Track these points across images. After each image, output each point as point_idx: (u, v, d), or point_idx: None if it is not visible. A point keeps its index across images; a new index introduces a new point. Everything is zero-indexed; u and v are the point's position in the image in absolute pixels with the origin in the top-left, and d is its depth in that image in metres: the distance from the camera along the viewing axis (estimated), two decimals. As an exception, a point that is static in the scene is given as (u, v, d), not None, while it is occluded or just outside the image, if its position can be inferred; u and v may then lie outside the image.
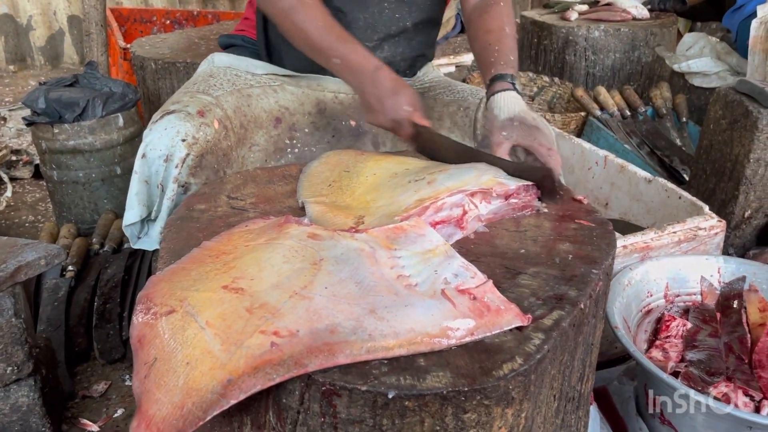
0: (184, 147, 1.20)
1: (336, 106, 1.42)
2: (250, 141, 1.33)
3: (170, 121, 1.22)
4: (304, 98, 1.41)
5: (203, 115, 1.24)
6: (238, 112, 1.32)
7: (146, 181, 1.22)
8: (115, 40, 3.05)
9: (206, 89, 1.33)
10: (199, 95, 1.30)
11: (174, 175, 1.20)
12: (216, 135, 1.24)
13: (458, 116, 1.46)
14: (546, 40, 3.13)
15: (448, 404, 0.69)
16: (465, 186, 1.01)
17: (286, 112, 1.38)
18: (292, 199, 1.11)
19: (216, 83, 1.35)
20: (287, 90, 1.40)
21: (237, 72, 1.41)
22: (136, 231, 1.26)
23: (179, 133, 1.20)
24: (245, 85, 1.37)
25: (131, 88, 2.21)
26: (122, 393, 1.55)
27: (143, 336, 0.79)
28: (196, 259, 0.90)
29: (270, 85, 1.39)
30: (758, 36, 2.30)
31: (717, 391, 1.13)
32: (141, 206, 1.23)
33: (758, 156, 1.76)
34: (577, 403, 0.98)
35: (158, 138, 1.20)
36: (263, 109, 1.36)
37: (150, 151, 1.20)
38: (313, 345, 0.71)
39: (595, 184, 1.96)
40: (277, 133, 1.36)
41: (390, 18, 1.38)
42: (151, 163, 1.20)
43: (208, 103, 1.28)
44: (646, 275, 1.40)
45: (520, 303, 0.82)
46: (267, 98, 1.37)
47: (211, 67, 1.44)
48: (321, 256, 0.85)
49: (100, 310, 1.69)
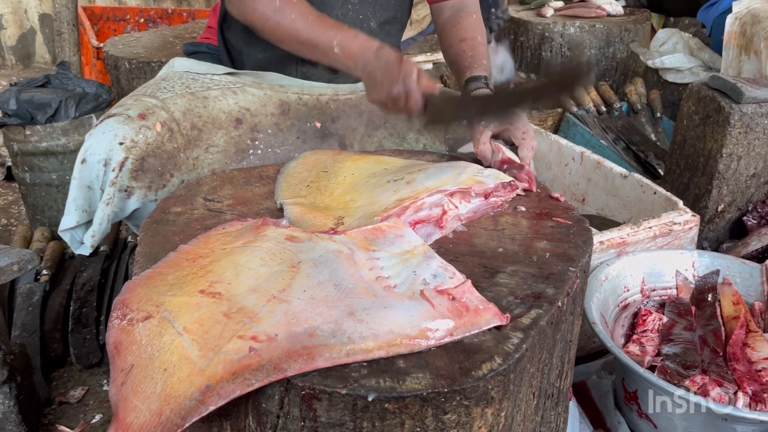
0: (121, 150, 1.18)
1: (300, 107, 1.41)
2: (207, 142, 1.31)
3: (109, 125, 1.20)
4: (266, 99, 1.39)
5: (144, 117, 1.23)
6: (190, 114, 1.30)
7: (89, 187, 1.21)
8: (88, 39, 3.00)
9: (153, 92, 1.31)
10: (143, 98, 1.29)
11: (111, 178, 1.18)
12: (158, 137, 1.23)
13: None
14: (522, 37, 3.15)
15: (428, 406, 0.69)
16: (444, 185, 1.01)
17: (246, 113, 1.37)
18: (269, 201, 1.10)
19: (166, 86, 1.34)
20: (248, 92, 1.39)
21: (194, 76, 1.39)
22: (77, 236, 1.25)
23: (117, 136, 1.19)
24: (201, 87, 1.36)
25: (105, 89, 2.18)
26: (100, 398, 1.53)
27: (120, 342, 0.78)
28: (172, 263, 0.89)
29: (229, 87, 1.38)
30: (733, 31, 2.33)
31: (693, 383, 1.15)
32: (78, 212, 1.22)
33: (730, 151, 1.79)
34: (557, 399, 0.99)
35: (97, 142, 1.19)
36: (222, 110, 1.35)
37: (89, 155, 1.19)
38: (291, 349, 0.71)
39: (572, 180, 1.98)
40: (238, 134, 1.35)
41: (354, 19, 1.38)
42: (91, 168, 1.19)
43: (152, 106, 1.26)
44: (622, 270, 1.42)
45: (498, 302, 0.82)
46: (226, 99, 1.36)
47: (168, 72, 1.43)
48: (299, 258, 0.84)
49: (76, 314, 1.66)
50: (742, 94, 1.74)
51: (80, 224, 1.25)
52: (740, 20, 2.31)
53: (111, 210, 1.21)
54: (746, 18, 2.28)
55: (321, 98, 1.43)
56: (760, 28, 2.19)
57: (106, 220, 1.22)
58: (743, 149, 1.80)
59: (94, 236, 1.23)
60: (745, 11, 2.31)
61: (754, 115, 1.76)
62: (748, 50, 2.27)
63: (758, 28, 2.20)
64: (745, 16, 2.29)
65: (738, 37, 2.32)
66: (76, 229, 1.25)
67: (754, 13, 2.27)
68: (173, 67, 1.44)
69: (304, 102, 1.42)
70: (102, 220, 1.21)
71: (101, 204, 1.20)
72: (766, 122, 1.77)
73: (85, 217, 1.24)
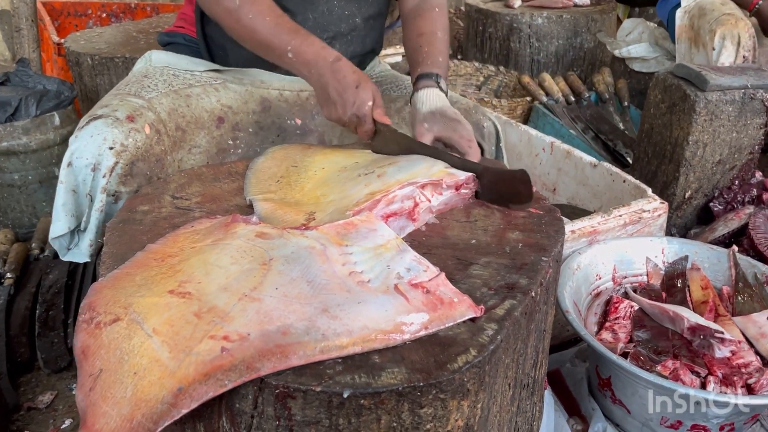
0: (112, 155, 1.14)
1: (281, 104, 1.39)
2: (190, 143, 1.28)
3: (97, 128, 1.16)
4: (248, 96, 1.36)
5: (133, 120, 1.18)
6: (174, 114, 1.27)
7: (74, 191, 1.17)
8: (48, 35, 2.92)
9: (138, 91, 1.27)
10: (129, 98, 1.24)
11: (102, 184, 1.14)
12: (147, 140, 1.19)
13: (405, 112, 1.45)
14: (491, 28, 3.16)
15: (404, 400, 0.69)
16: (415, 178, 1.01)
17: (229, 111, 1.33)
18: (239, 197, 1.09)
19: (150, 84, 1.30)
20: (230, 88, 1.35)
21: (175, 72, 1.35)
22: (65, 242, 1.21)
23: (106, 140, 1.14)
24: (183, 84, 1.32)
25: (67, 86, 2.13)
26: (69, 403, 1.49)
27: (87, 347, 0.75)
28: (140, 264, 0.87)
29: (211, 83, 1.35)
30: (683, 25, 2.37)
31: (664, 368, 1.16)
32: (69, 217, 1.18)
33: (696, 138, 1.82)
34: (532, 389, 1.00)
35: (84, 146, 1.14)
36: (204, 109, 1.31)
37: (76, 159, 1.15)
38: (264, 348, 0.70)
39: (543, 170, 1.99)
40: (220, 134, 1.32)
41: (340, 16, 1.35)
42: (77, 172, 1.15)
43: (139, 107, 1.22)
44: (594, 259, 1.43)
45: (472, 294, 0.82)
46: (208, 97, 1.32)
47: (147, 67, 1.38)
48: (270, 255, 0.83)
49: (43, 317, 1.62)
50: (706, 82, 1.77)
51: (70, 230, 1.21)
52: (689, 14, 2.35)
53: (103, 216, 1.17)
54: (694, 11, 2.33)
55: (301, 94, 1.41)
56: (705, 21, 2.24)
57: (100, 227, 1.18)
58: (709, 136, 1.83)
59: (91, 245, 1.19)
60: (693, 4, 2.35)
61: (718, 102, 1.79)
62: (696, 43, 2.31)
63: (704, 21, 2.25)
64: (693, 9, 2.33)
65: (688, 30, 2.36)
66: (64, 236, 1.21)
67: (701, 5, 2.31)
68: (150, 61, 1.40)
69: (285, 98, 1.39)
70: (98, 227, 1.18)
71: (94, 212, 1.16)
72: (731, 109, 1.81)
73: (74, 222, 1.19)
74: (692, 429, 1.18)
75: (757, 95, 1.81)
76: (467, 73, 3.06)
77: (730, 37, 2.14)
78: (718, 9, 2.23)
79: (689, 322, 1.24)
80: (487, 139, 1.45)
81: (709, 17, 2.22)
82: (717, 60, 2.15)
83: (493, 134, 1.48)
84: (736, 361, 1.19)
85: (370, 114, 1.14)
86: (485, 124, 1.46)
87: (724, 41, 2.14)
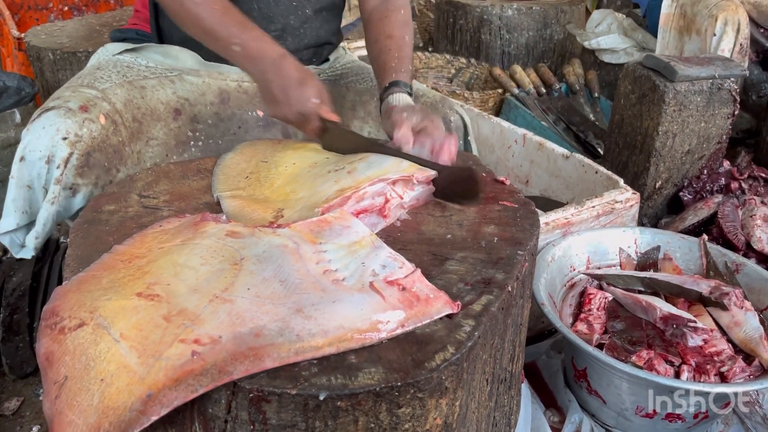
0: (66, 146, 1.10)
1: (240, 95, 1.36)
2: (147, 135, 1.24)
3: (49, 119, 1.12)
4: (205, 88, 1.33)
5: (86, 110, 1.15)
6: (130, 105, 1.23)
7: (28, 186, 1.13)
8: (8, 29, 2.83)
9: (91, 82, 1.23)
10: (82, 89, 1.20)
11: (56, 176, 1.10)
12: (103, 131, 1.15)
13: (371, 105, 1.43)
14: (461, 20, 3.15)
15: (381, 401, 0.67)
16: (386, 174, 0.99)
17: (186, 103, 1.30)
18: (208, 195, 1.06)
19: (103, 75, 1.26)
20: (186, 80, 1.32)
21: (129, 63, 1.31)
22: (17, 239, 1.17)
23: (59, 131, 1.11)
24: (138, 76, 1.28)
25: (28, 81, 2.06)
26: (36, 409, 1.45)
27: (51, 353, 0.73)
28: (106, 266, 0.84)
29: (166, 75, 1.31)
30: (670, 14, 2.37)
31: (639, 358, 1.17)
32: (18, 213, 1.14)
33: (666, 128, 1.84)
34: (509, 383, 0.99)
35: (37, 138, 1.10)
36: (160, 101, 1.27)
37: (29, 153, 1.11)
38: (237, 351, 0.68)
39: (515, 162, 2.00)
40: (178, 126, 1.28)
41: (287, 7, 1.32)
42: (31, 165, 1.11)
43: (93, 97, 1.18)
44: (568, 250, 1.44)
45: (448, 290, 0.81)
46: (164, 89, 1.29)
47: (100, 60, 1.34)
48: (242, 255, 0.81)
49: (7, 321, 1.57)
50: (675, 73, 1.78)
51: (21, 226, 1.17)
52: (678, 2, 2.35)
53: (55, 209, 1.13)
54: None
55: None
56: (703, 6, 2.22)
57: (50, 220, 1.14)
58: (678, 126, 1.85)
59: (38, 238, 1.16)
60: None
61: (687, 92, 1.80)
62: (689, 30, 2.31)
63: (700, 6, 2.23)
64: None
65: (677, 18, 2.35)
66: (16, 232, 1.17)
67: None
68: (104, 54, 1.35)
69: (244, 89, 1.36)
70: (46, 220, 1.14)
71: (45, 204, 1.12)
72: (699, 99, 1.83)
73: (26, 218, 1.15)
74: (666, 418, 1.19)
75: (725, 85, 1.84)
76: (438, 66, 3.05)
77: (732, 23, 2.13)
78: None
79: (662, 311, 1.25)
80: (455, 132, 1.44)
81: (707, 2, 2.21)
82: (717, 46, 2.14)
83: (461, 127, 1.47)
84: (708, 349, 1.20)
85: (315, 111, 1.12)
86: (452, 118, 1.45)
87: (725, 27, 2.13)
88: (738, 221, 1.73)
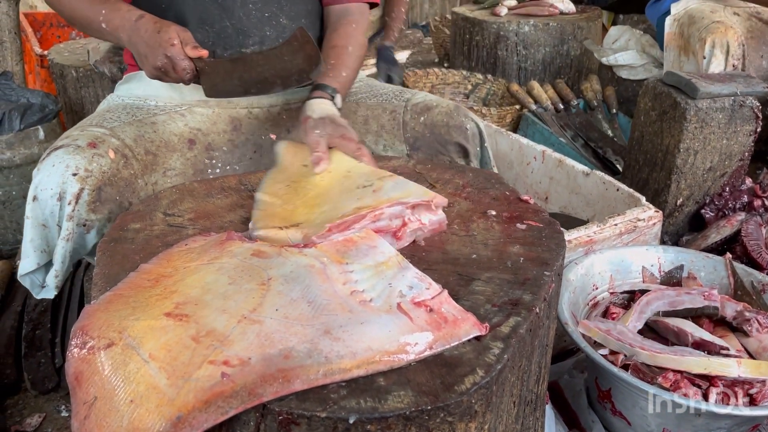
0: (76, 181, 1.10)
1: (252, 121, 1.36)
2: (164, 166, 1.26)
3: (58, 156, 1.12)
4: (216, 117, 1.34)
5: (95, 146, 1.15)
6: (141, 140, 1.24)
7: (44, 225, 1.12)
8: (31, 46, 2.88)
9: (100, 122, 1.24)
10: (90, 128, 1.21)
11: (68, 212, 1.10)
12: (113, 164, 1.16)
13: (384, 119, 1.43)
14: (478, 36, 3.16)
15: (411, 424, 0.67)
16: (407, 197, 0.98)
17: (198, 132, 1.31)
18: (233, 213, 1.06)
19: (112, 116, 1.27)
20: (196, 112, 1.33)
21: (138, 105, 1.33)
22: (38, 280, 1.17)
23: (69, 167, 1.11)
24: (147, 114, 1.30)
25: (51, 98, 2.09)
26: (58, 425, 1.45)
27: (80, 373, 0.73)
28: (134, 285, 0.84)
29: (176, 110, 1.32)
30: (672, 32, 2.37)
31: (665, 380, 1.15)
32: (38, 253, 1.14)
33: (687, 145, 1.82)
34: (535, 404, 0.98)
35: (47, 176, 1.11)
36: (173, 133, 1.29)
37: (41, 191, 1.11)
38: (266, 372, 0.67)
39: (534, 179, 1.99)
40: (194, 155, 1.29)
41: (260, 18, 1.32)
42: (44, 204, 1.11)
43: (101, 135, 1.19)
44: (591, 269, 1.42)
45: (476, 311, 0.80)
46: (174, 123, 1.30)
47: (110, 104, 1.36)
48: (269, 275, 0.81)
49: (29, 337, 1.58)
50: (697, 90, 1.77)
51: (40, 266, 1.17)
52: (678, 21, 2.35)
53: (71, 246, 1.13)
54: (683, 19, 2.33)
55: (272, 110, 1.39)
56: (695, 29, 2.24)
57: (67, 257, 1.14)
58: (699, 144, 1.83)
59: (57, 276, 1.15)
60: (683, 12, 2.35)
61: (708, 110, 1.79)
62: (686, 51, 2.31)
63: (694, 29, 2.25)
64: (683, 17, 2.34)
65: (678, 38, 2.36)
66: (35, 273, 1.16)
67: (690, 14, 2.31)
68: (112, 100, 1.38)
69: (254, 116, 1.37)
70: (63, 258, 1.14)
71: (60, 241, 1.12)
72: (720, 117, 1.81)
73: (45, 257, 1.15)
74: (694, 440, 1.17)
75: (747, 102, 1.82)
76: (455, 82, 3.05)
77: (720, 45, 2.14)
78: (708, 16, 2.24)
79: (693, 337, 1.24)
80: (471, 141, 1.43)
81: (698, 25, 2.23)
82: (707, 68, 2.16)
83: (477, 135, 1.46)
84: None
85: (180, 51, 1.13)
86: (468, 126, 1.44)
87: (713, 49, 2.15)
88: (762, 239, 1.71)
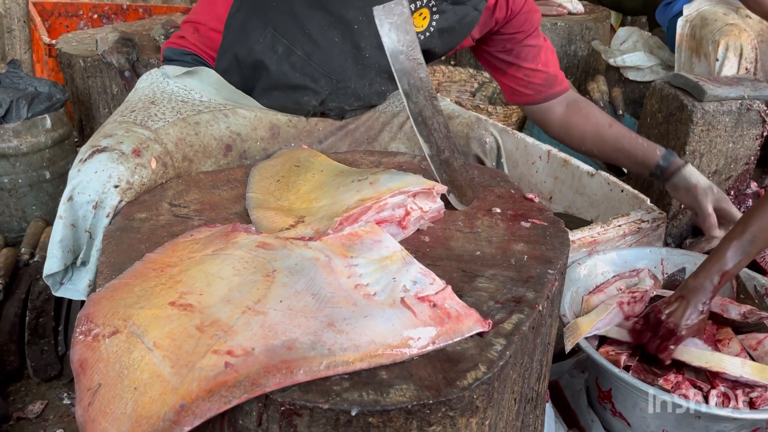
0: (116, 194, 1.08)
1: (290, 129, 1.35)
2: (196, 172, 1.23)
3: (102, 163, 1.10)
4: (257, 122, 1.32)
5: (139, 154, 1.13)
6: (182, 144, 1.22)
7: (72, 225, 1.10)
8: (39, 35, 2.89)
9: (144, 120, 1.22)
10: (135, 129, 1.19)
11: (105, 224, 1.08)
12: (153, 175, 1.14)
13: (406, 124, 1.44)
14: (485, 35, 3.15)
15: (412, 418, 0.67)
16: (407, 186, 0.98)
17: (237, 138, 1.29)
18: (238, 205, 1.07)
19: (157, 112, 1.25)
20: (239, 114, 1.31)
21: (183, 98, 1.30)
22: (58, 277, 1.15)
23: (112, 177, 1.08)
24: (192, 111, 1.27)
25: (59, 88, 2.09)
26: (60, 413, 1.46)
27: (85, 360, 0.73)
28: (139, 274, 0.85)
29: (221, 109, 1.30)
30: (684, 34, 2.36)
31: (666, 382, 1.16)
32: (65, 253, 1.12)
33: (693, 148, 1.82)
34: (535, 402, 0.98)
35: (88, 182, 1.08)
36: (213, 137, 1.27)
37: (78, 195, 1.09)
38: (270, 363, 0.68)
39: (539, 179, 1.99)
40: (227, 162, 1.28)
41: (376, 91, 1.40)
42: (78, 207, 1.09)
43: (146, 139, 1.16)
44: (594, 269, 1.42)
45: (479, 307, 0.81)
46: (217, 124, 1.28)
47: (155, 91, 1.32)
48: (274, 267, 0.81)
49: (33, 324, 1.59)
50: (704, 93, 1.77)
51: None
52: (690, 23, 2.34)
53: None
54: (696, 21, 2.32)
55: (310, 120, 1.38)
56: (708, 31, 2.23)
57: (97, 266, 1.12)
58: (705, 146, 1.83)
59: (90, 286, 1.14)
60: (695, 14, 2.34)
61: (715, 113, 1.79)
62: (698, 53, 2.30)
63: (706, 31, 2.24)
64: (695, 19, 2.32)
65: (689, 39, 2.35)
66: (58, 273, 1.14)
67: (703, 15, 2.30)
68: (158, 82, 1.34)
69: (293, 124, 1.36)
70: (95, 266, 1.11)
71: (95, 251, 1.10)
72: (727, 120, 1.81)
73: (71, 257, 1.13)
74: (693, 442, 1.17)
75: (754, 106, 1.82)
76: (462, 80, 3.05)
77: (733, 48, 2.13)
78: (721, 19, 2.22)
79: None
80: (489, 155, 1.44)
81: (711, 27, 2.21)
82: (720, 71, 2.14)
83: (495, 149, 1.46)
84: (738, 375, 1.18)
85: None
86: (488, 140, 1.44)
87: (727, 52, 2.13)
88: (766, 244, 1.71)
